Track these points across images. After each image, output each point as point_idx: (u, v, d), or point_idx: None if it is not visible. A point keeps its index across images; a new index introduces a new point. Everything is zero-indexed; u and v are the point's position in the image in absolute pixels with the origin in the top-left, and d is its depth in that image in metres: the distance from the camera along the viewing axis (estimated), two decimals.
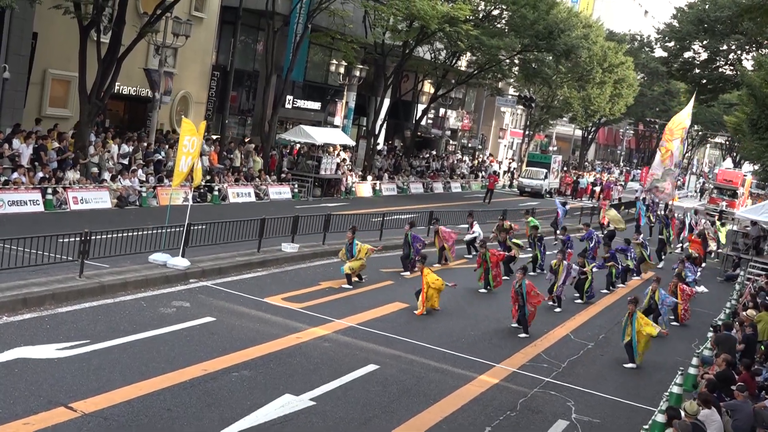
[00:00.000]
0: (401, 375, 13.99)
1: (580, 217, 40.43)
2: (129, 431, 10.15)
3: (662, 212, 37.09)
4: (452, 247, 25.17)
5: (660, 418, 12.07)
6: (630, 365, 16.90)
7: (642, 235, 29.64)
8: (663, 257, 31.78)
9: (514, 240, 25.34)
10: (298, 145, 40.30)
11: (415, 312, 18.27)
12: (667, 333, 19.86)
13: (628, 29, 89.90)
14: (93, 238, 16.42)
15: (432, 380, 14.00)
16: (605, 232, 33.11)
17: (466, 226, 27.68)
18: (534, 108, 65.70)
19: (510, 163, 70.76)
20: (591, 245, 27.69)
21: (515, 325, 18.23)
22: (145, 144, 30.80)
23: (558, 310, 20.78)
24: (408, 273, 22.02)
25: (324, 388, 12.67)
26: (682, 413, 11.54)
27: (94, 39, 27.44)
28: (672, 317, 21.40)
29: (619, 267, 25.47)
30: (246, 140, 39.23)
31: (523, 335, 17.80)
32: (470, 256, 26.36)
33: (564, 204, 35.41)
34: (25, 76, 28.01)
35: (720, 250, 33.50)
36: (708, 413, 11.92)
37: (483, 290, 21.83)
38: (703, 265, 30.73)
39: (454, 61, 52.06)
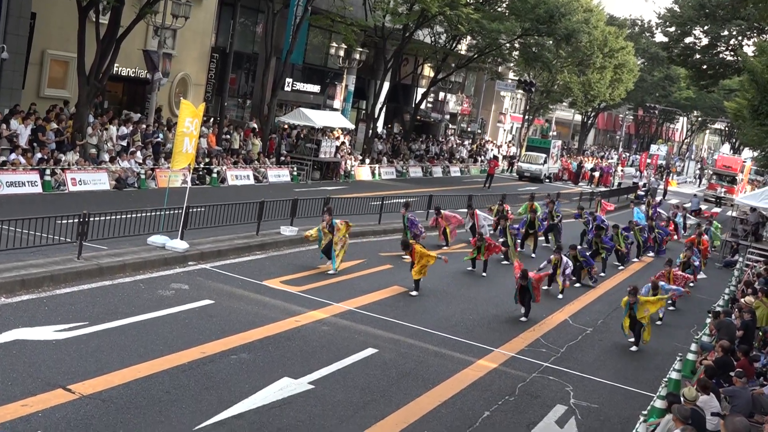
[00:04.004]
0: (400, 359, 13.98)
1: (578, 202, 40.36)
2: (127, 413, 10.13)
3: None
4: (454, 230, 25.19)
5: (659, 403, 12.07)
6: (634, 348, 17.03)
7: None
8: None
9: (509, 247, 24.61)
10: (295, 131, 40.23)
11: (411, 293, 18.30)
12: (661, 318, 19.78)
13: (628, 14, 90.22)
14: (91, 219, 16.37)
15: (431, 364, 13.99)
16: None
17: (465, 212, 27.54)
18: (534, 92, 65.58)
19: (509, 147, 70.67)
20: (590, 228, 27.77)
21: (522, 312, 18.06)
22: (144, 126, 30.70)
23: (560, 296, 20.72)
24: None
25: (323, 371, 12.65)
26: (682, 399, 11.54)
27: (92, 20, 27.28)
28: (670, 302, 21.35)
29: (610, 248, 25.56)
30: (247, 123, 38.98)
31: (523, 318, 17.82)
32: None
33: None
34: (23, 57, 27.87)
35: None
36: (707, 399, 11.92)
37: (472, 269, 21.89)
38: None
39: (454, 45, 51.91)
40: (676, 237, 33.24)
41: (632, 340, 17.20)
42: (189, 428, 10.04)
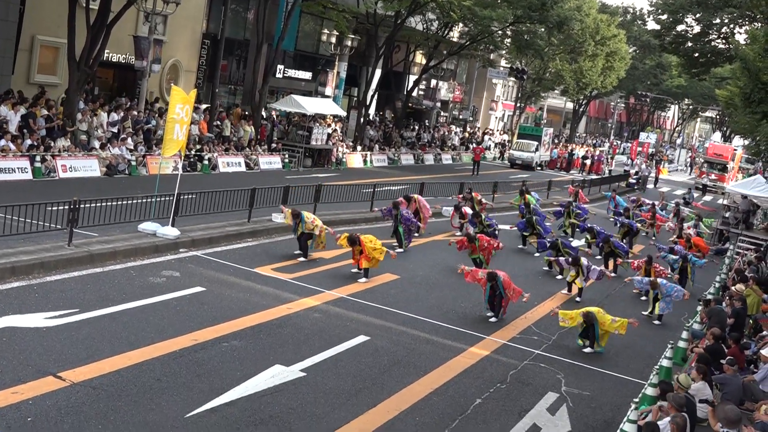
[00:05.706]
0: (392, 346, 13.97)
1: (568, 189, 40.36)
2: (118, 401, 10.10)
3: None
4: (426, 218, 24.69)
5: (650, 391, 12.10)
6: (588, 350, 15.77)
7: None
8: None
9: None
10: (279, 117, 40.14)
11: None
12: (636, 324, 18.68)
13: (621, 1, 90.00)
14: (82, 206, 16.31)
15: (423, 352, 13.99)
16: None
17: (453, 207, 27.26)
18: (526, 80, 65.52)
19: (501, 135, 70.67)
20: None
21: (490, 314, 16.91)
22: (135, 112, 30.55)
23: (578, 299, 19.90)
24: (401, 249, 21.75)
25: (314, 358, 12.65)
26: (675, 385, 11.58)
27: (83, 5, 27.10)
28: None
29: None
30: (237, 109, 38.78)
31: (493, 319, 16.68)
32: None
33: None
34: (13, 43, 27.68)
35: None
36: (700, 386, 11.96)
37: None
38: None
39: (446, 32, 51.76)
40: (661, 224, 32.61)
41: (587, 349, 15.81)
42: (180, 415, 10.02)
